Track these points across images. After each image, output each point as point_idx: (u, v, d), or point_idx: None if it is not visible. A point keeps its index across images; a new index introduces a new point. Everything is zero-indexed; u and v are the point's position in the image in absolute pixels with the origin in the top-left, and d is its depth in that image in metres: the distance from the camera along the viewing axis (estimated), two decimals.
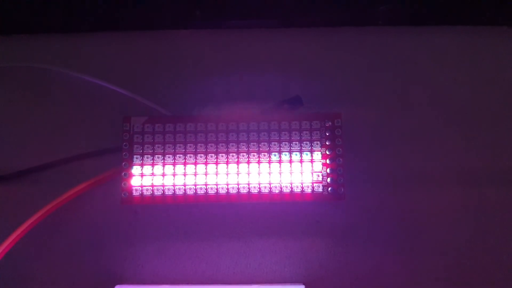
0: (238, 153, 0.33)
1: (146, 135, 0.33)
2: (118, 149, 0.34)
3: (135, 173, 0.33)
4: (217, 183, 0.32)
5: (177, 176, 0.33)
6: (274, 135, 0.33)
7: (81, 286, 0.34)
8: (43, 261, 0.34)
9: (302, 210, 0.35)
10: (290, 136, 0.33)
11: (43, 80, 0.38)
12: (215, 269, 0.34)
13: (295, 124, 0.33)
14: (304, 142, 0.33)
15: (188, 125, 0.33)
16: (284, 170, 0.33)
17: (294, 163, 0.33)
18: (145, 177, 0.33)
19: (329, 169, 0.33)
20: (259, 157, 0.33)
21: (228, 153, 0.33)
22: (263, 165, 0.33)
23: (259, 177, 0.32)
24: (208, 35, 0.40)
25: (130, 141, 0.33)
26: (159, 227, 0.35)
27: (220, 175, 0.33)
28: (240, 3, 0.40)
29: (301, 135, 0.33)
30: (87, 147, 0.36)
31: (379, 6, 0.39)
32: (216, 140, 0.33)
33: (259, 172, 0.33)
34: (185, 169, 0.33)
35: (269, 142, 0.33)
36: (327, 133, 0.33)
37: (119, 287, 0.32)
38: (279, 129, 0.33)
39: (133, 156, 0.33)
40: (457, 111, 0.37)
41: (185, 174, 0.33)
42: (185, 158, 0.33)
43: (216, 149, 0.33)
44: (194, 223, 0.35)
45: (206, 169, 0.33)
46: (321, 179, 0.32)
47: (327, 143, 0.33)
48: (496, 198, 0.35)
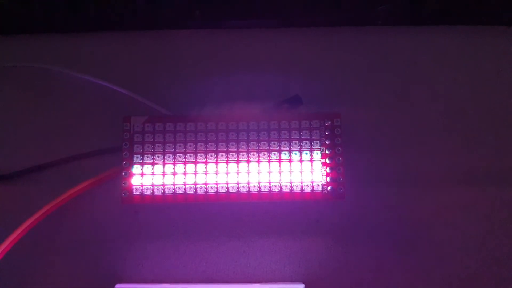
0: (238, 152, 0.33)
1: (146, 134, 0.33)
2: (118, 148, 0.34)
3: (135, 172, 0.33)
4: (217, 182, 0.33)
5: (177, 176, 0.33)
6: (274, 135, 0.33)
7: (81, 286, 0.34)
8: (43, 261, 0.34)
9: (301, 209, 0.35)
10: (289, 135, 0.33)
11: (43, 80, 0.38)
12: (215, 268, 0.34)
13: (295, 123, 0.33)
14: (304, 142, 0.33)
15: (188, 124, 0.33)
16: (284, 169, 0.33)
17: (294, 162, 0.33)
18: (145, 176, 0.33)
19: (328, 168, 0.33)
20: (258, 156, 0.33)
21: (228, 153, 0.33)
22: (262, 164, 0.33)
23: (259, 176, 0.33)
24: (208, 35, 0.40)
25: (130, 140, 0.33)
26: (159, 226, 0.35)
27: (220, 174, 0.33)
28: (240, 3, 0.40)
29: (300, 134, 0.33)
30: (87, 147, 0.36)
31: (378, 6, 0.40)
32: (216, 139, 0.33)
33: (259, 171, 0.33)
34: (185, 168, 0.33)
35: (268, 141, 0.33)
36: (326, 132, 0.33)
37: (119, 286, 0.33)
38: (279, 128, 0.33)
39: (134, 155, 0.33)
40: (457, 111, 0.37)
41: (185, 173, 0.33)
42: (185, 158, 0.33)
43: (216, 148, 0.33)
44: (194, 222, 0.35)
45: (206, 168, 0.33)
46: (320, 178, 0.32)
47: (326, 142, 0.33)
48: (496, 198, 0.35)
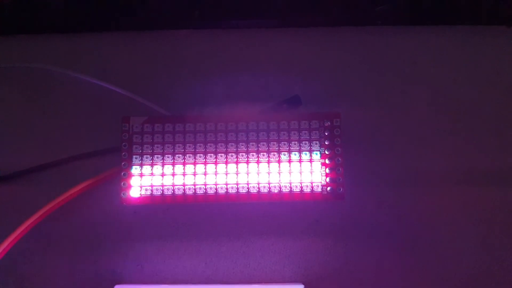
0: (237, 153, 0.33)
1: (145, 135, 0.33)
2: (117, 149, 0.34)
3: (134, 173, 0.33)
4: (216, 183, 0.32)
5: (176, 176, 0.33)
6: (273, 135, 0.33)
7: (81, 286, 0.34)
8: (43, 261, 0.34)
9: (301, 210, 0.35)
10: (289, 136, 0.33)
11: (43, 81, 0.38)
12: (214, 269, 0.34)
13: (294, 123, 0.33)
14: (303, 142, 0.33)
15: (187, 125, 0.33)
16: (283, 170, 0.33)
17: (293, 163, 0.33)
18: (144, 177, 0.33)
19: (328, 168, 0.33)
20: (258, 157, 0.33)
21: (227, 153, 0.33)
22: (262, 165, 0.33)
23: (258, 177, 0.32)
24: (208, 35, 0.40)
25: (130, 141, 0.33)
26: (158, 227, 0.35)
27: (219, 175, 0.33)
28: (240, 3, 0.40)
29: (300, 134, 0.33)
30: (87, 147, 0.36)
31: (378, 6, 0.39)
32: (215, 140, 0.33)
33: (258, 172, 0.33)
34: (184, 169, 0.33)
35: (268, 142, 0.33)
36: (326, 132, 0.33)
37: (118, 287, 0.33)
38: (278, 129, 0.33)
39: (133, 156, 0.33)
40: (456, 111, 0.37)
41: (184, 174, 0.33)
42: (184, 158, 0.33)
43: (215, 149, 0.33)
44: (193, 223, 0.35)
45: (205, 169, 0.33)
46: (320, 179, 0.32)
47: (326, 142, 0.33)
48: (496, 198, 0.35)
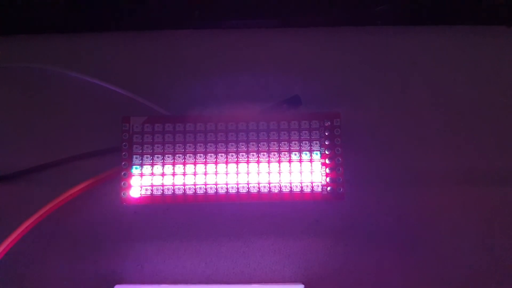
0: (237, 153, 0.33)
1: (145, 135, 0.33)
2: (117, 149, 0.34)
3: (134, 173, 0.33)
4: (216, 183, 0.32)
5: (177, 176, 0.33)
6: (273, 135, 0.33)
7: (81, 286, 0.34)
8: (43, 261, 0.34)
9: (301, 210, 0.35)
10: (289, 135, 0.33)
11: (42, 80, 0.38)
12: (214, 269, 0.34)
13: (294, 123, 0.33)
14: (303, 142, 0.33)
15: (188, 125, 0.33)
16: (283, 169, 0.33)
17: (293, 163, 0.33)
18: (144, 177, 0.33)
19: (328, 168, 0.33)
20: (258, 156, 0.33)
21: (228, 153, 0.33)
22: (262, 164, 0.33)
23: (259, 177, 0.32)
24: (208, 35, 0.40)
25: (130, 141, 0.33)
26: (158, 226, 0.35)
27: (220, 175, 0.33)
28: (240, 3, 0.40)
29: (300, 134, 0.33)
30: (87, 147, 0.36)
31: (378, 6, 0.39)
32: (216, 140, 0.33)
33: (259, 171, 0.33)
34: (184, 169, 0.33)
35: (268, 142, 0.33)
36: (326, 132, 0.33)
37: (118, 287, 0.33)
38: (278, 128, 0.33)
39: (133, 156, 0.33)
40: (456, 111, 0.37)
41: (184, 174, 0.33)
42: (184, 158, 0.33)
43: (216, 149, 0.33)
44: (194, 222, 0.35)
45: (205, 169, 0.33)
46: (320, 179, 0.32)
47: (326, 142, 0.33)
48: (496, 198, 0.35)
